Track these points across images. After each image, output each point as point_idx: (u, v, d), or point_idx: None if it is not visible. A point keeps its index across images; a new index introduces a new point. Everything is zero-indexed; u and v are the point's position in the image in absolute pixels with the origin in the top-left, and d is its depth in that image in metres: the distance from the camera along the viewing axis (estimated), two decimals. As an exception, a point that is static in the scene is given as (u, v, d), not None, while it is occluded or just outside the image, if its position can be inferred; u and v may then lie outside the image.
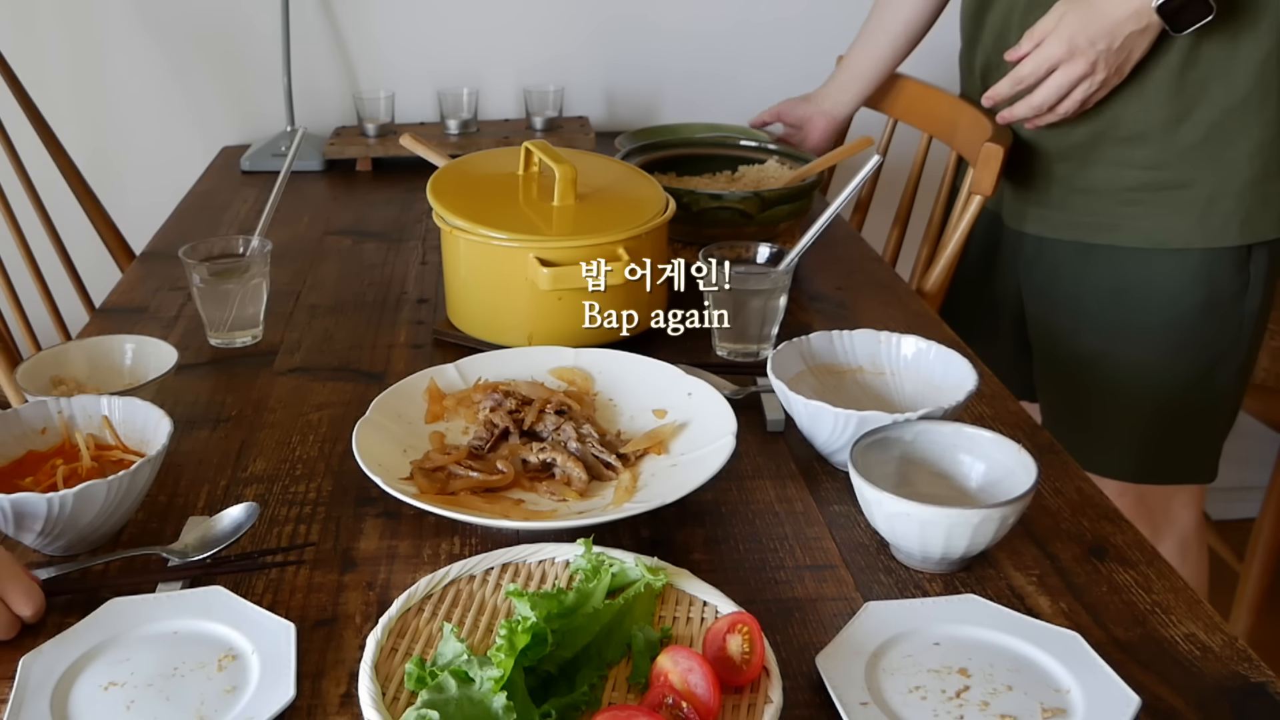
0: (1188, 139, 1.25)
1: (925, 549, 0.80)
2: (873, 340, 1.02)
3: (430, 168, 1.28)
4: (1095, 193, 1.33)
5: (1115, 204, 1.31)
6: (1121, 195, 1.30)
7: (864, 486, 0.80)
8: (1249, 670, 0.72)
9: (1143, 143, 1.27)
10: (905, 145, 1.75)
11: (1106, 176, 1.31)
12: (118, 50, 1.93)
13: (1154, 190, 1.28)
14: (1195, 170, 1.26)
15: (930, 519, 0.77)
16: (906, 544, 0.81)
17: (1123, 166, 1.30)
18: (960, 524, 0.77)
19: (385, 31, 1.97)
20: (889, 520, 0.80)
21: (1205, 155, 1.25)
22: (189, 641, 0.72)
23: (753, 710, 0.65)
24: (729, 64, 2.04)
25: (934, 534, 0.78)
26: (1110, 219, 1.31)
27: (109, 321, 1.26)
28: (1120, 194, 1.30)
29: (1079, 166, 1.33)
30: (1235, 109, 1.23)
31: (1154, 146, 1.27)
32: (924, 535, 0.78)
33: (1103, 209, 1.32)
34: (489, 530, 0.86)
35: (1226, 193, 1.26)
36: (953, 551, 0.79)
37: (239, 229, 1.52)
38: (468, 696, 0.62)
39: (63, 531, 0.80)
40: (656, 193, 1.21)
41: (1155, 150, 1.27)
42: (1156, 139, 1.27)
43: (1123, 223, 1.31)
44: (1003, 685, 0.68)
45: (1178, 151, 1.26)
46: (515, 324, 1.13)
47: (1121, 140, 1.29)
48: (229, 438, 1.01)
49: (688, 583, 0.75)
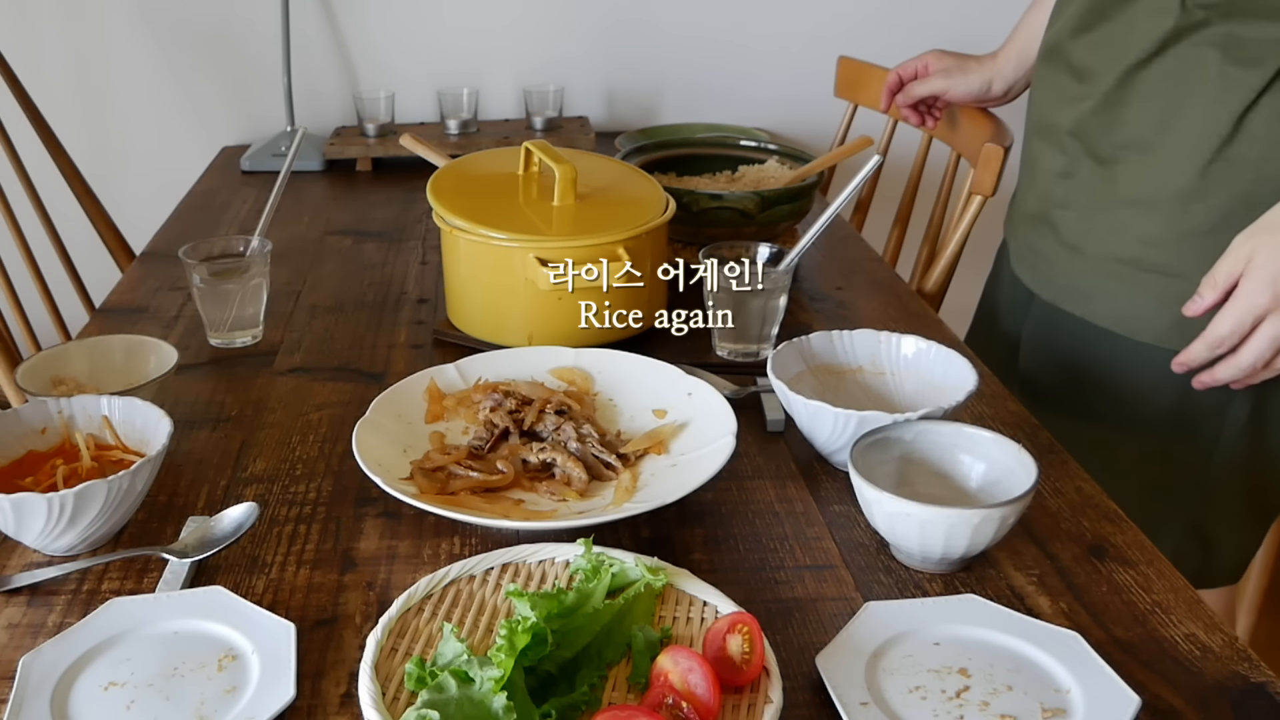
0: (1195, 221, 1.07)
1: (925, 549, 0.80)
2: (873, 340, 1.02)
3: (430, 168, 1.28)
4: (1081, 253, 1.17)
5: (1096, 272, 1.15)
6: (1105, 264, 1.15)
7: (864, 486, 0.80)
8: (1249, 670, 0.72)
9: (1152, 209, 1.10)
10: (905, 145, 1.75)
11: (1101, 238, 1.15)
12: (118, 50, 1.93)
13: (1142, 269, 1.12)
14: (1191, 261, 1.06)
15: (930, 519, 0.77)
16: (906, 544, 0.81)
17: (1120, 233, 1.13)
18: (960, 524, 0.77)
19: (385, 32, 1.97)
20: (889, 520, 0.80)
21: (1207, 247, 1.03)
22: (189, 641, 0.72)
23: (753, 710, 0.65)
24: (729, 64, 2.04)
25: (934, 534, 0.78)
26: (1086, 288, 1.17)
27: (109, 321, 1.26)
28: (1104, 262, 1.15)
29: (1078, 218, 1.17)
30: (1249, 203, 1.03)
31: (1161, 218, 1.10)
32: (924, 535, 0.78)
33: (1084, 273, 1.17)
34: (489, 530, 0.86)
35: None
36: (953, 551, 0.79)
37: (239, 229, 1.52)
38: (468, 696, 0.62)
39: (63, 531, 0.80)
40: (656, 193, 1.21)
41: (1161, 223, 1.10)
42: (1166, 211, 1.09)
43: (1097, 296, 1.16)
44: (1003, 685, 0.68)
45: (1179, 232, 1.08)
46: (515, 324, 1.13)
47: (1132, 202, 1.12)
48: (229, 438, 1.01)
49: (688, 583, 0.75)
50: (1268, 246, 0.94)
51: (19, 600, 0.79)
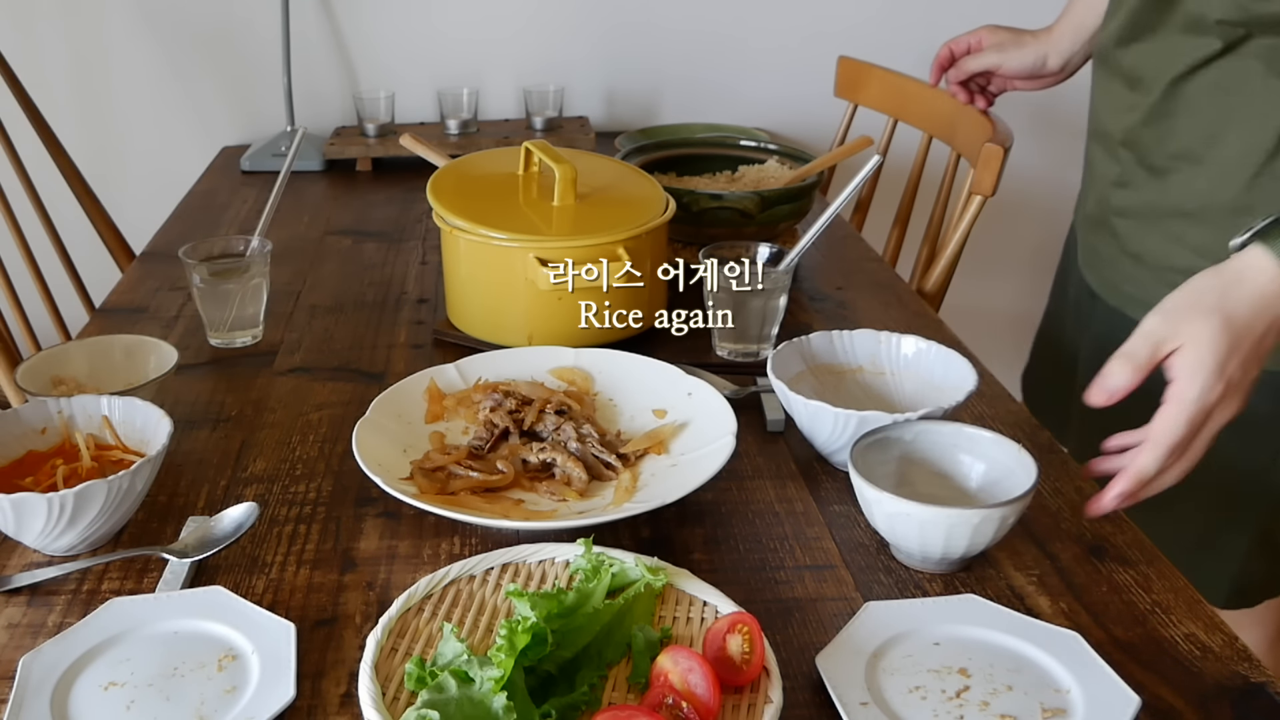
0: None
1: (925, 549, 0.80)
2: (873, 340, 1.02)
3: (430, 168, 1.28)
4: (1142, 262, 1.16)
5: (1157, 282, 1.05)
6: (1166, 274, 1.07)
7: (864, 486, 0.80)
8: (1249, 670, 0.72)
9: (1202, 221, 1.08)
10: (905, 145, 1.75)
11: (1158, 248, 1.13)
12: (118, 50, 1.93)
13: None
14: None
15: (930, 519, 0.77)
16: (906, 544, 0.81)
17: (1176, 243, 1.11)
18: (960, 524, 0.77)
19: (385, 32, 1.97)
20: (889, 520, 0.80)
21: None
22: (189, 641, 0.72)
23: (753, 710, 0.65)
24: (729, 64, 2.04)
25: (934, 534, 0.78)
26: (1150, 296, 1.09)
27: (109, 321, 1.26)
28: (1165, 273, 1.10)
29: (1136, 226, 1.16)
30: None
31: (1211, 230, 1.06)
32: (924, 535, 0.78)
33: (1146, 282, 1.13)
34: (489, 530, 0.86)
35: None
36: (953, 551, 0.79)
37: (239, 229, 1.52)
38: (468, 696, 0.62)
39: (63, 531, 0.80)
40: (656, 193, 1.21)
41: (1212, 235, 1.05)
42: (1216, 222, 1.06)
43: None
44: (1003, 685, 0.68)
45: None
46: (515, 324, 1.13)
47: (1184, 213, 1.10)
48: (229, 438, 1.01)
49: (688, 583, 0.75)
50: (1201, 336, 0.80)
51: (19, 600, 0.79)
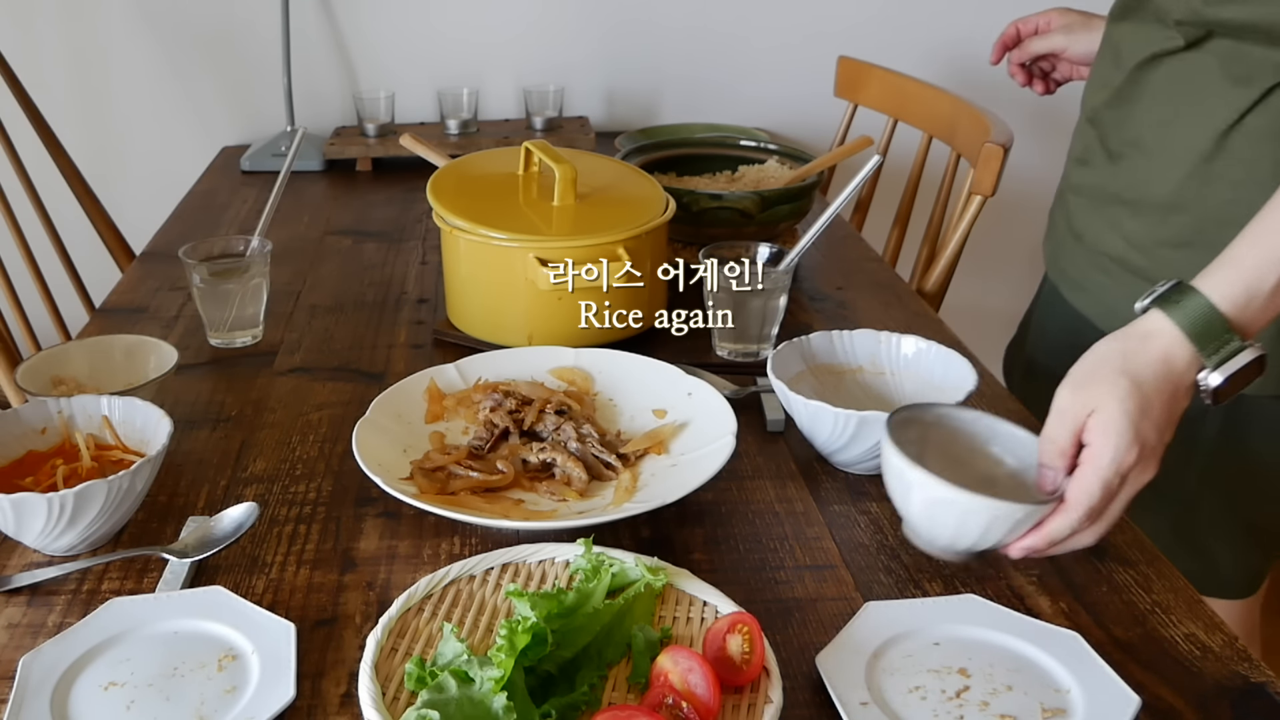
0: (1171, 232, 1.05)
1: (957, 538, 0.76)
2: (873, 340, 1.02)
3: (430, 168, 1.28)
4: (1082, 242, 1.17)
5: (1091, 265, 1.14)
6: (1098, 259, 1.14)
7: (906, 468, 0.76)
8: (1249, 670, 0.72)
9: (1138, 212, 1.09)
10: (905, 145, 1.75)
11: (1097, 231, 1.14)
12: (118, 50, 1.93)
13: (1124, 269, 1.10)
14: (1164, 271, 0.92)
15: (975, 509, 0.73)
16: (936, 530, 0.77)
17: (1113, 229, 1.12)
18: (1003, 517, 0.73)
19: (385, 31, 1.97)
20: (928, 506, 0.76)
21: (1178, 261, 1.01)
22: (189, 641, 0.72)
23: (753, 710, 0.65)
24: (729, 64, 2.04)
25: (973, 524, 0.74)
26: (1083, 278, 1.16)
27: (109, 321, 1.26)
28: (1098, 256, 1.14)
29: (1085, 206, 1.17)
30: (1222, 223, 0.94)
31: (1143, 222, 1.08)
32: (962, 524, 0.75)
33: (1081, 263, 1.16)
34: (489, 530, 0.86)
35: None
36: (983, 543, 0.75)
37: (239, 229, 1.52)
38: (468, 696, 0.62)
39: (63, 531, 0.80)
40: (656, 193, 1.21)
41: (1143, 227, 1.08)
42: (1148, 215, 1.07)
43: (1087, 287, 1.16)
44: (1003, 685, 0.68)
45: (1157, 239, 1.06)
46: (515, 324, 1.13)
47: (1124, 201, 1.10)
48: (229, 438, 1.01)
49: (688, 583, 0.75)
50: (1110, 398, 0.76)
51: (19, 600, 0.79)
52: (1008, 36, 1.40)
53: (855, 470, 0.94)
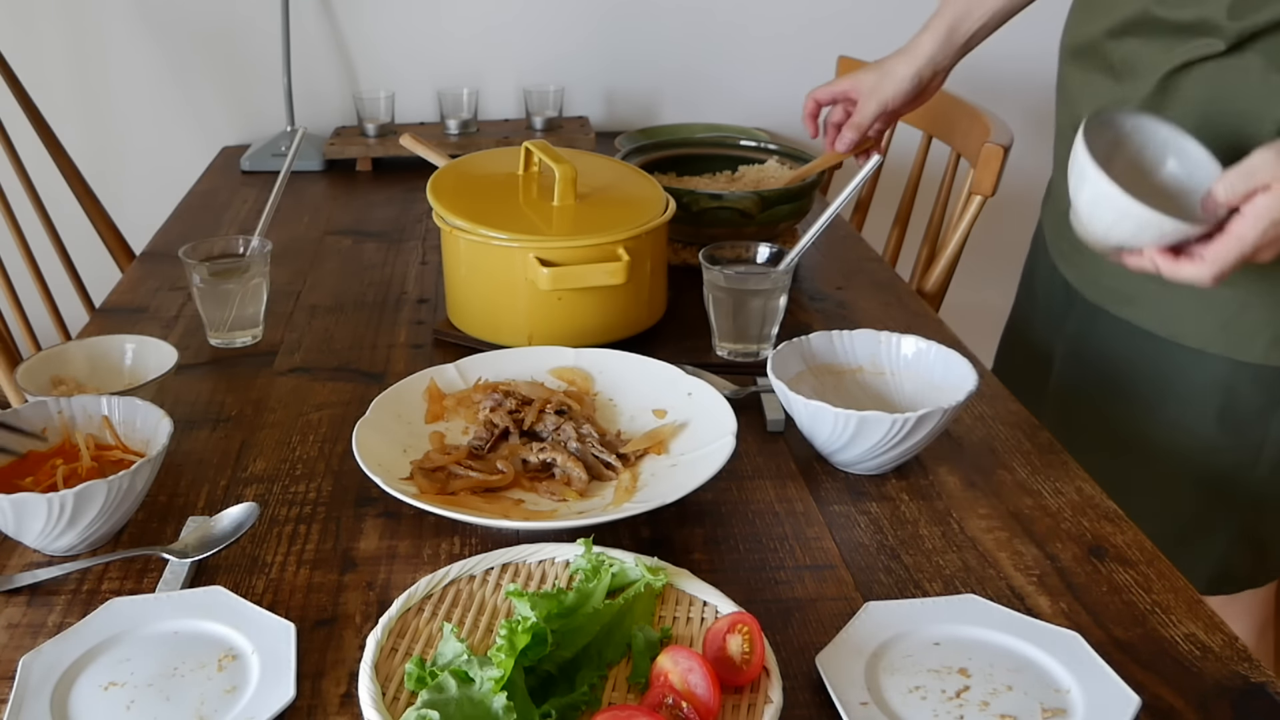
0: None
1: (1108, 233, 0.90)
2: (873, 340, 1.02)
3: (430, 168, 1.28)
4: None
5: (1139, 275, 1.05)
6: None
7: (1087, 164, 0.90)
8: (1249, 670, 0.72)
9: None
10: (905, 145, 1.75)
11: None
12: (118, 50, 1.93)
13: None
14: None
15: (1132, 213, 0.88)
16: (1094, 223, 0.91)
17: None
18: (1153, 226, 0.88)
19: (385, 31, 1.97)
20: (1094, 199, 0.90)
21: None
22: (189, 641, 0.72)
23: (753, 710, 0.65)
24: (729, 64, 2.04)
25: (1127, 226, 0.88)
26: (1133, 288, 1.12)
27: (109, 321, 1.26)
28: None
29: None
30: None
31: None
32: (1116, 222, 0.89)
33: (1123, 276, 1.09)
34: (489, 530, 0.86)
35: (1260, 302, 1.05)
36: (1132, 244, 0.90)
37: (239, 229, 1.52)
38: (468, 696, 0.62)
39: (63, 531, 0.80)
40: (656, 193, 1.21)
41: None
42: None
43: (1139, 298, 1.12)
44: (1003, 685, 0.68)
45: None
46: (515, 324, 1.13)
47: None
48: (229, 438, 1.01)
49: (688, 583, 0.75)
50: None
51: (19, 600, 0.79)
52: (813, 114, 1.40)
53: (855, 470, 0.94)
